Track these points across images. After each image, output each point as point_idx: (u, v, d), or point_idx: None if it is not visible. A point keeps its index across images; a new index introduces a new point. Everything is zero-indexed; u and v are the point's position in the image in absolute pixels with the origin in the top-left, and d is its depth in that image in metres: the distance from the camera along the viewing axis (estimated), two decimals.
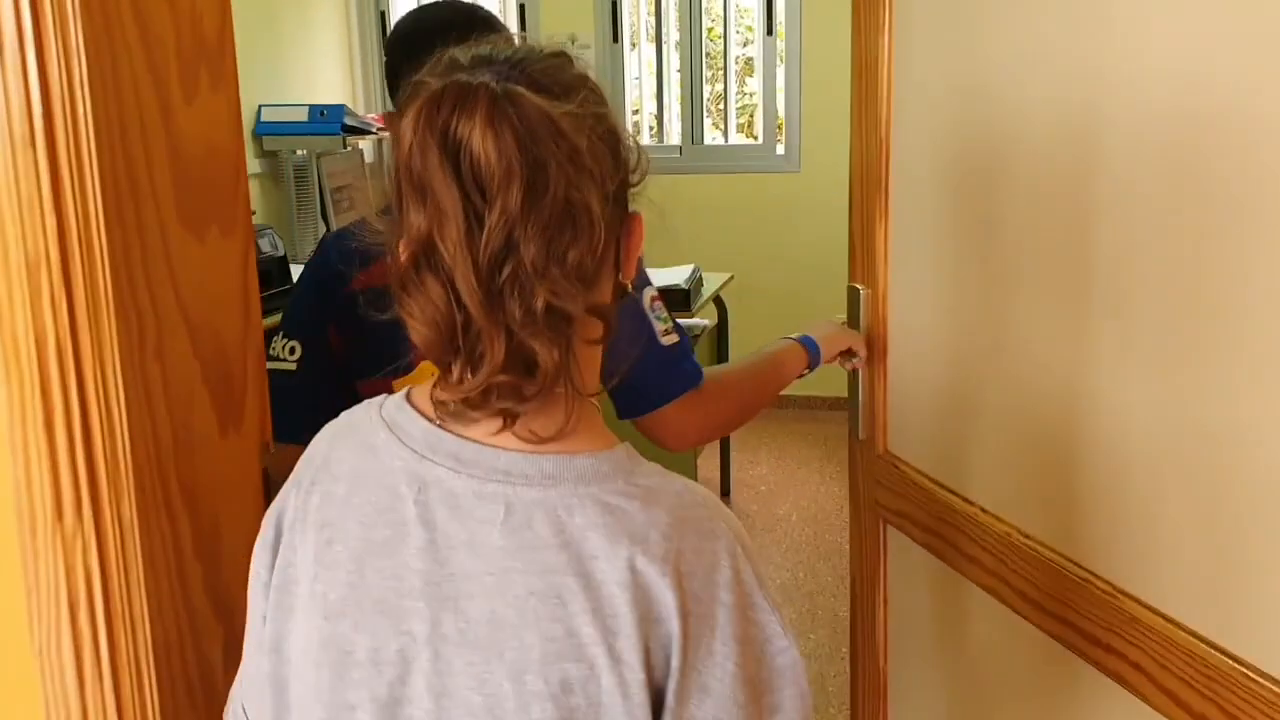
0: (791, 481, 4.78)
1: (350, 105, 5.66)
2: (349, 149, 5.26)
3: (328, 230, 4.73)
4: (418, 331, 0.78)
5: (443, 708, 0.78)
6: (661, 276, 3.90)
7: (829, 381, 5.52)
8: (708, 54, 5.96)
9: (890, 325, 1.73)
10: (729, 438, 4.57)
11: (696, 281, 3.97)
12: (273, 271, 4.24)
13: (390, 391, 0.92)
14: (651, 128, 6.12)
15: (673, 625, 0.77)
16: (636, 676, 0.76)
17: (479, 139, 0.75)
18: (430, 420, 0.83)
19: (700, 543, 0.80)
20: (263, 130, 4.99)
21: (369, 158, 5.82)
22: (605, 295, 0.85)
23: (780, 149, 5.64)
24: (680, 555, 0.78)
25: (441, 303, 0.77)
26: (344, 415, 0.91)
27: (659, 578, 0.77)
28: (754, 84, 6.17)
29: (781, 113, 5.62)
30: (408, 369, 1.01)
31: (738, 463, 4.88)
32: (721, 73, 6.09)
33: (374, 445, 0.85)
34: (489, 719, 0.77)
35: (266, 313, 1.38)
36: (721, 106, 6.23)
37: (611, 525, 0.78)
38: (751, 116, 6.52)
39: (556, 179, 0.77)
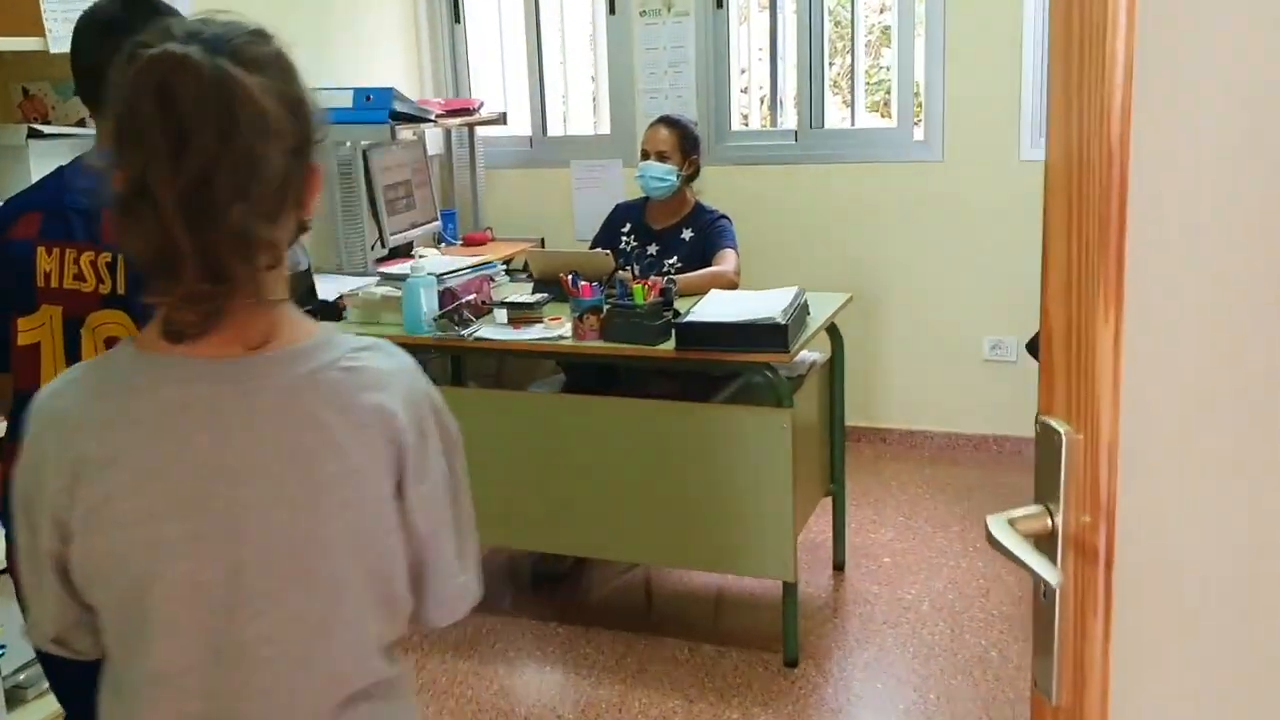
0: (924, 552, 3.85)
1: (411, 89, 4.92)
2: (400, 140, 4.52)
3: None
4: (134, 248, 1.03)
5: (267, 539, 1.07)
6: (752, 305, 3.03)
7: (972, 413, 4.53)
8: (834, 21, 5.02)
9: (1122, 507, 0.86)
10: (844, 489, 3.67)
11: (800, 310, 3.08)
12: (295, 288, 3.49)
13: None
14: (763, 111, 5.21)
15: (408, 438, 1.12)
16: (390, 483, 1.11)
17: (184, 96, 1.00)
18: (165, 353, 1.07)
19: (413, 381, 1.15)
20: None
21: (435, 149, 5.07)
22: (286, 229, 1.10)
23: (919, 133, 4.66)
24: (402, 389, 1.13)
25: (152, 225, 1.00)
26: (85, 368, 1.18)
27: (396, 407, 1.11)
28: (890, 56, 5.19)
29: (922, 90, 4.65)
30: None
31: (856, 522, 3.97)
32: (849, 43, 5.13)
33: (136, 386, 1.08)
34: (293, 531, 1.07)
35: None
36: (849, 82, 5.26)
37: (351, 380, 1.09)
38: (886, 94, 5.53)
39: (245, 132, 1.01)
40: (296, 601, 1.06)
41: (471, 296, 3.27)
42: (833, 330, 3.48)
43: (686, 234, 3.81)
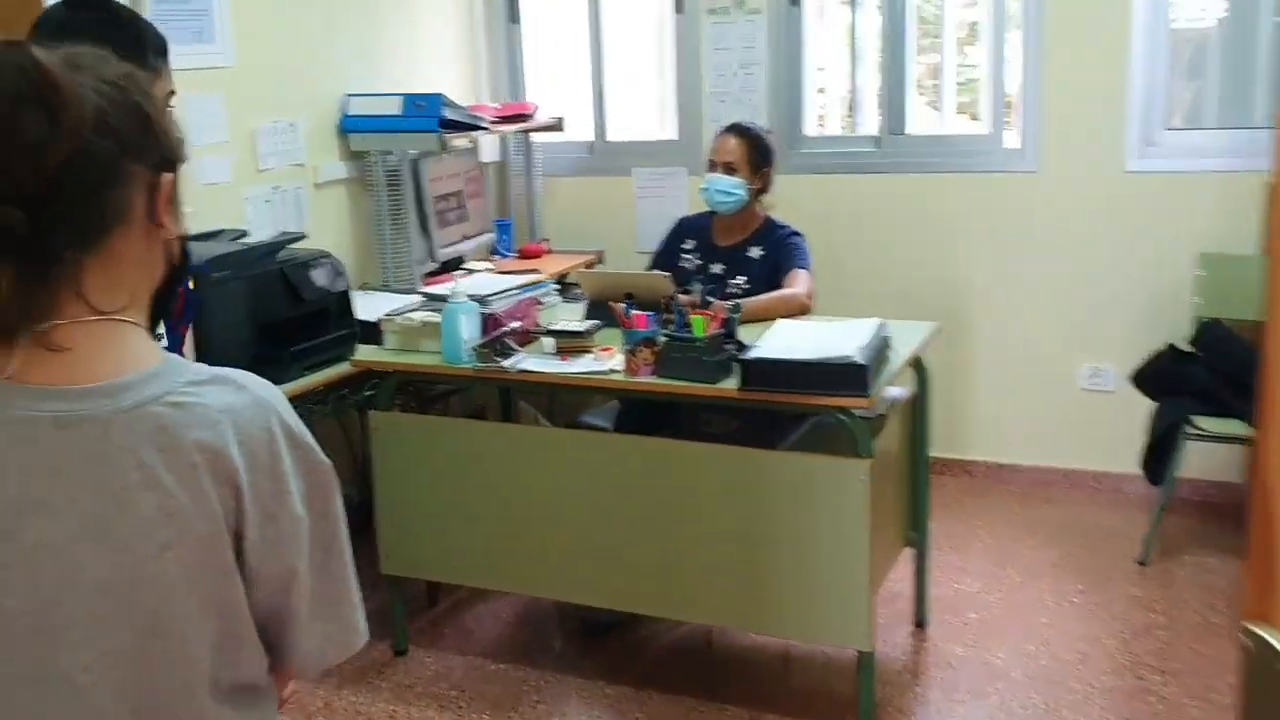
0: (1014, 607, 3.47)
1: (465, 93, 4.65)
2: (453, 148, 4.24)
3: None
4: None
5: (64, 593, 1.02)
6: (827, 339, 2.70)
7: (1067, 446, 4.10)
8: (920, 16, 4.64)
9: None
10: (926, 538, 3.31)
11: (882, 346, 2.74)
12: (330, 310, 3.25)
13: None
14: (840, 115, 4.85)
15: (243, 479, 1.05)
16: (219, 524, 1.04)
17: None
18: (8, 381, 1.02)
19: (258, 419, 1.07)
20: (350, 126, 4.03)
21: (491, 156, 4.80)
22: (109, 239, 1.04)
23: (1012, 140, 4.27)
24: (238, 427, 1.05)
25: None
26: None
27: (228, 447, 1.04)
28: (978, 54, 4.80)
29: (1015, 92, 4.25)
30: None
31: (939, 569, 3.60)
32: (935, 40, 4.75)
33: None
34: (108, 568, 1.02)
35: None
36: (935, 83, 4.88)
37: (177, 416, 1.03)
38: (975, 95, 5.13)
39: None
40: (117, 636, 1.04)
41: (516, 324, 2.97)
42: (917, 363, 3.12)
43: (755, 252, 3.48)
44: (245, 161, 3.63)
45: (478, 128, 4.16)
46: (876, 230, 4.42)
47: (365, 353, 3.22)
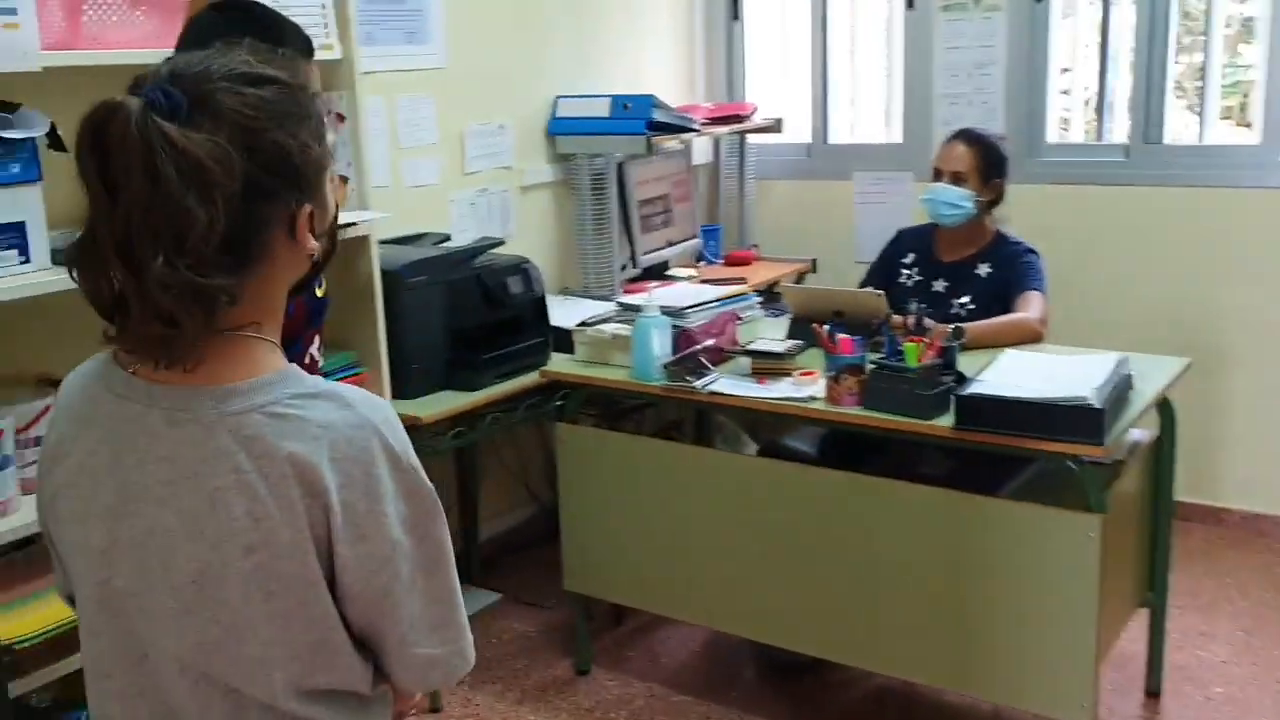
0: (1267, 683, 3.03)
1: (681, 92, 4.50)
2: (662, 150, 4.10)
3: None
4: (88, 289, 1.06)
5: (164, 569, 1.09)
6: (1059, 375, 2.39)
7: None
8: (1184, 12, 4.17)
9: None
10: (1165, 600, 2.92)
11: (1122, 385, 2.41)
12: (524, 318, 3.17)
13: None
14: (1086, 120, 4.42)
15: (334, 496, 1.07)
16: (304, 535, 1.06)
17: (113, 148, 1.01)
18: (128, 370, 1.12)
19: (358, 438, 1.09)
20: (557, 128, 3.95)
21: (704, 158, 4.64)
22: (243, 274, 1.08)
23: None
24: (335, 444, 1.07)
25: (101, 269, 1.05)
26: (89, 362, 1.19)
27: (320, 461, 1.06)
28: (1252, 54, 4.27)
29: None
30: None
31: (1179, 631, 3.18)
32: (1200, 38, 4.26)
33: (94, 393, 1.14)
34: (196, 563, 1.07)
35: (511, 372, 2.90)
36: (1198, 85, 4.38)
37: (274, 427, 1.07)
38: (1245, 99, 4.58)
39: (168, 186, 1.00)
40: (196, 628, 1.09)
41: (710, 341, 2.79)
42: (1163, 403, 2.75)
43: (983, 269, 3.17)
44: (452, 164, 3.59)
45: (688, 130, 4.00)
46: (1122, 250, 4.00)
47: (557, 362, 3.11)
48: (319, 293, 1.88)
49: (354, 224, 2.60)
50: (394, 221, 3.30)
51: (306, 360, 1.90)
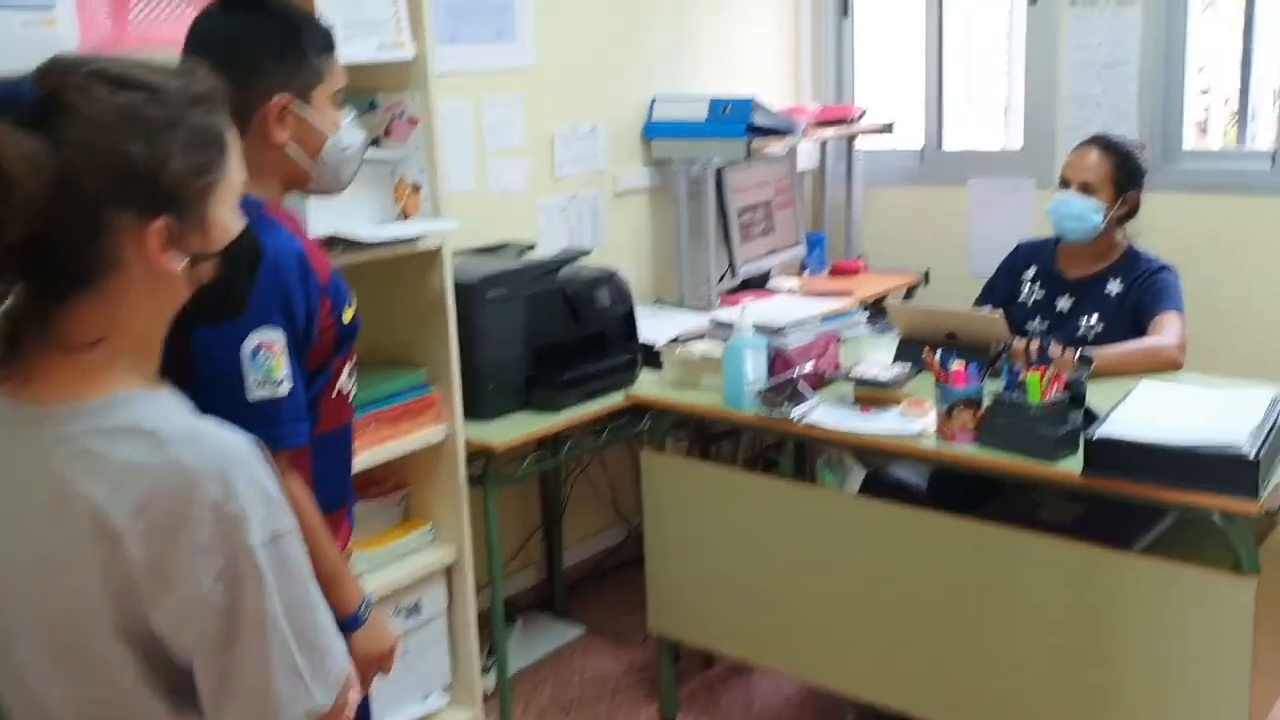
0: None
1: (786, 93, 4.26)
2: (764, 155, 3.86)
3: None
4: None
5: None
6: (1205, 413, 2.09)
7: None
8: None
9: None
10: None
11: (1277, 428, 2.10)
12: (610, 334, 2.97)
13: None
14: (1227, 124, 4.04)
15: (130, 547, 1.00)
16: (101, 578, 1.02)
17: None
18: None
19: (173, 486, 1.01)
20: (653, 132, 3.75)
21: (809, 163, 4.39)
22: (95, 285, 1.04)
23: None
24: (139, 489, 1.01)
25: None
26: None
27: (113, 508, 1.00)
28: None
29: None
30: None
31: None
32: None
33: None
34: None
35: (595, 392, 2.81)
36: None
37: (76, 465, 1.01)
38: None
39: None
40: (39, 655, 1.09)
41: (809, 365, 2.56)
42: None
43: (1113, 287, 2.87)
44: (541, 168, 3.41)
45: (791, 133, 3.76)
46: (1268, 267, 3.63)
47: (645, 383, 2.91)
48: (345, 317, 1.71)
49: (423, 236, 2.43)
50: (477, 229, 3.14)
51: (334, 392, 1.73)
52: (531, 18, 3.30)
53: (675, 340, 3.11)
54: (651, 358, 2.99)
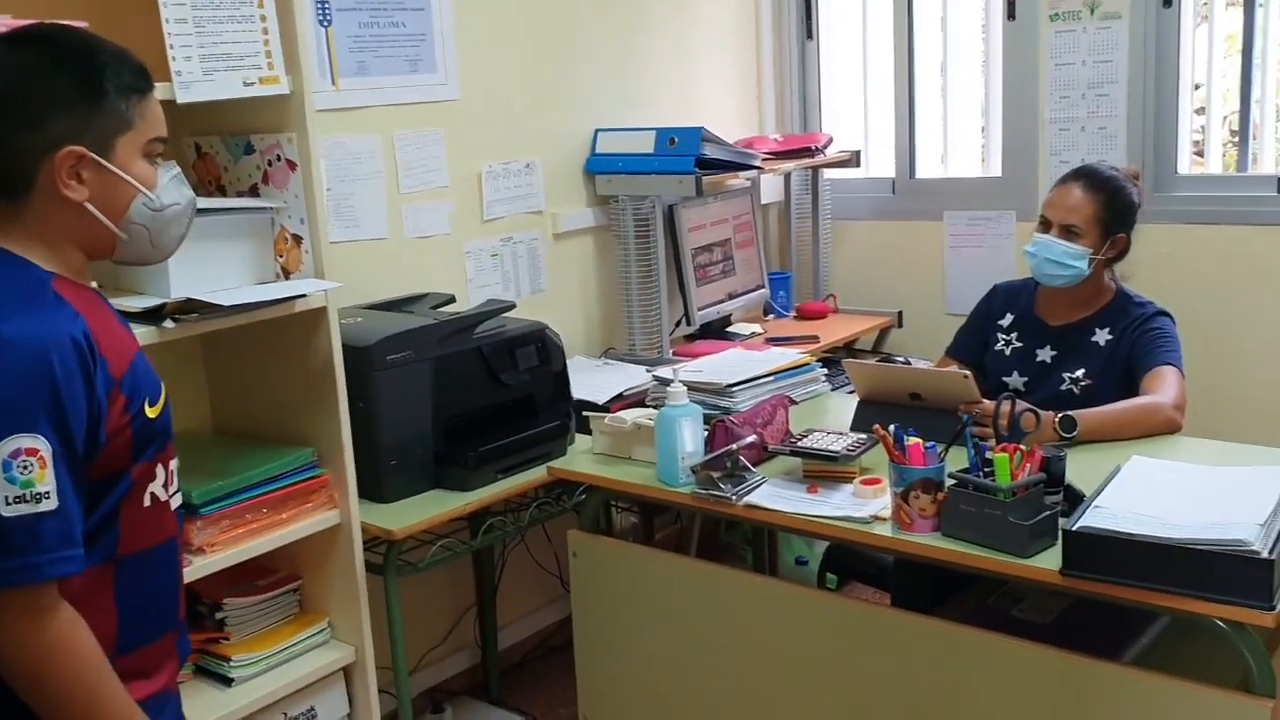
0: None
1: (747, 121, 3.96)
2: (721, 190, 3.56)
3: None
4: None
5: None
6: (1207, 497, 1.77)
7: None
8: None
9: None
10: None
11: None
12: (537, 398, 2.66)
13: None
14: (1226, 147, 3.73)
15: None
16: None
17: None
18: None
19: None
20: (596, 166, 3.44)
21: (774, 195, 4.08)
22: None
23: None
24: None
25: None
26: None
27: None
28: None
29: None
30: None
31: None
32: None
33: None
34: None
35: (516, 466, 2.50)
36: None
37: None
38: None
39: None
40: None
41: (752, 437, 2.23)
42: None
43: (1101, 336, 2.56)
44: (468, 209, 3.10)
45: (746, 167, 3.45)
46: (1275, 306, 3.31)
47: (579, 451, 2.59)
48: (151, 412, 1.40)
49: (303, 296, 2.11)
50: (394, 279, 2.84)
51: (144, 501, 1.42)
52: (453, 47, 2.99)
53: (611, 401, 2.81)
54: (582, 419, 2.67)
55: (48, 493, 1.27)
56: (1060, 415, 2.23)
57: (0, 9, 1.79)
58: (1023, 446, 1.87)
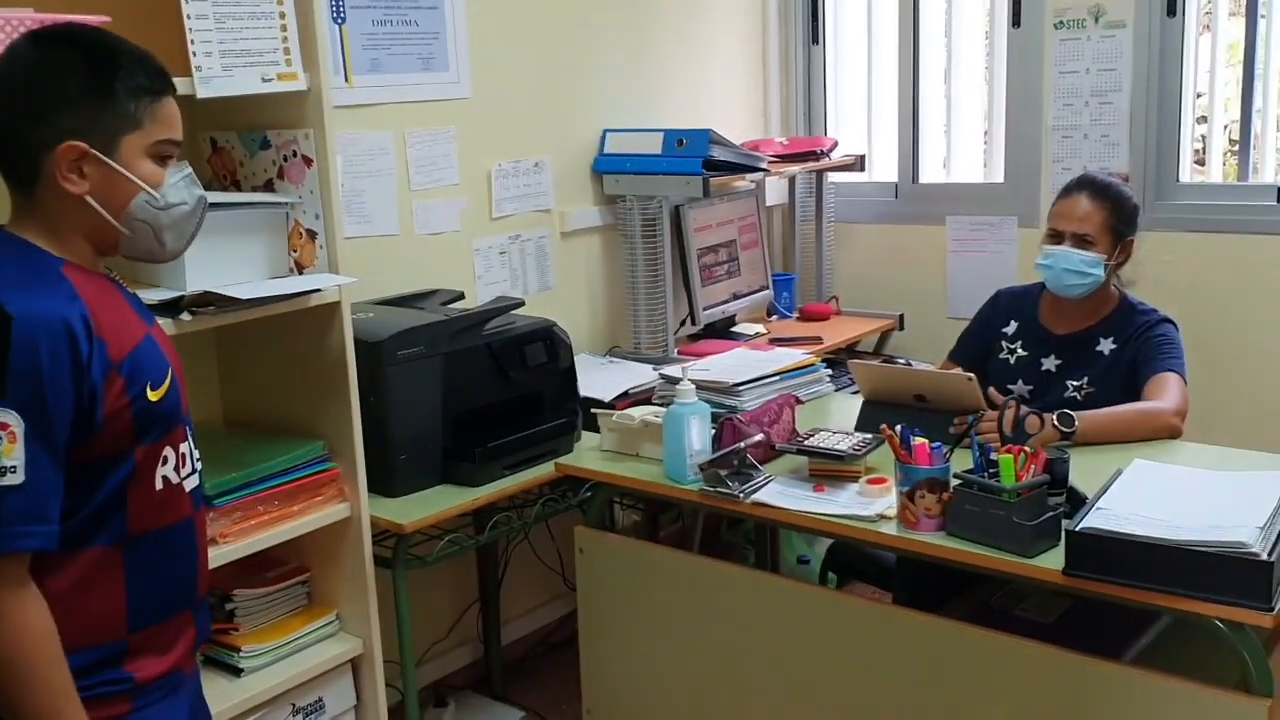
0: None
1: (753, 124, 3.99)
2: (727, 192, 3.59)
3: None
4: None
5: None
6: (1208, 502, 1.80)
7: None
8: None
9: None
10: None
11: None
12: (545, 395, 2.68)
13: None
14: (1226, 156, 3.77)
15: None
16: None
17: None
18: None
19: None
20: (604, 166, 3.47)
21: (778, 198, 4.11)
22: None
23: None
24: None
25: None
26: None
27: None
28: None
29: None
30: None
31: None
32: None
33: None
34: None
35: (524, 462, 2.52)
36: None
37: None
38: None
39: None
40: None
41: (759, 435, 2.26)
42: None
43: (1105, 344, 2.58)
44: (478, 207, 3.12)
45: (752, 169, 3.48)
46: (1275, 315, 3.35)
47: (583, 451, 2.61)
48: (153, 396, 1.43)
49: (317, 290, 2.14)
50: (404, 275, 2.87)
51: (155, 484, 1.45)
52: (465, 46, 3.02)
53: (620, 398, 2.83)
54: (590, 417, 2.69)
55: (14, 467, 1.30)
56: (1059, 411, 2.26)
57: (23, 1, 1.82)
58: (1027, 448, 1.90)
